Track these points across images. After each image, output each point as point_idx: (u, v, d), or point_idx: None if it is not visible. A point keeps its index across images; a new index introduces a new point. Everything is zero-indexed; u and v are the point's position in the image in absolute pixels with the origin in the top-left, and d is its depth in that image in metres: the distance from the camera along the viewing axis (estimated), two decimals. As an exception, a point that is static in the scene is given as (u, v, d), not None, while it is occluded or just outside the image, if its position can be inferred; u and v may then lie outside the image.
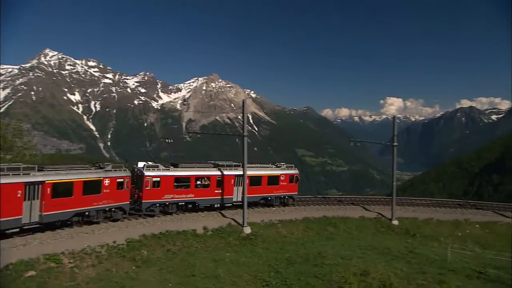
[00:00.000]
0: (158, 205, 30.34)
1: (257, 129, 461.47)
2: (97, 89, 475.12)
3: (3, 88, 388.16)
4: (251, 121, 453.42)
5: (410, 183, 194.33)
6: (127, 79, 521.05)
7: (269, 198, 37.29)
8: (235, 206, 34.47)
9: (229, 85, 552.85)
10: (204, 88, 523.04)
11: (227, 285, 20.46)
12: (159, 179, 29.93)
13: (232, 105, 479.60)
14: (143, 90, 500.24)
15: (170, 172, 30.94)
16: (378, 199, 47.25)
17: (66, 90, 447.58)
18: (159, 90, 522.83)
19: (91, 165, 27.88)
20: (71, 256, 21.34)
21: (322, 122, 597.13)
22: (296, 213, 35.90)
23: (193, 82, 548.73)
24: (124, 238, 24.72)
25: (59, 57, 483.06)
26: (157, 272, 21.87)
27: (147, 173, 29.47)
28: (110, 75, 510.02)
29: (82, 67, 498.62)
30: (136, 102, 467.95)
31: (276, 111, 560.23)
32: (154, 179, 29.68)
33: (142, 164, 30.16)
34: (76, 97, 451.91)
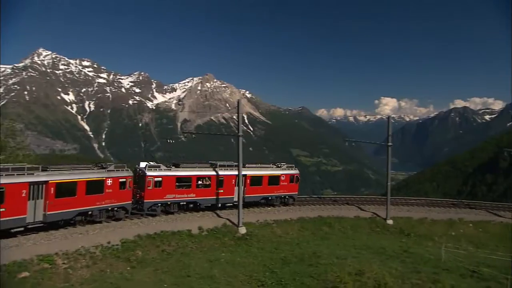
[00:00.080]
0: (160, 204, 30.64)
1: (252, 129, 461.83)
2: (91, 89, 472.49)
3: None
4: (246, 121, 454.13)
5: (405, 182, 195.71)
6: (121, 79, 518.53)
7: (270, 198, 37.56)
8: (231, 207, 34.48)
9: (224, 85, 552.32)
10: (199, 88, 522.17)
11: (222, 285, 20.45)
12: (161, 179, 30.25)
13: (227, 105, 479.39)
14: (137, 90, 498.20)
15: (171, 172, 31.22)
16: (373, 199, 47.35)
17: (60, 90, 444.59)
18: (154, 90, 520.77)
19: (93, 165, 28.19)
20: (65, 257, 21.21)
21: (317, 122, 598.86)
22: (291, 213, 35.94)
23: (188, 82, 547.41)
24: (118, 238, 24.62)
25: (53, 56, 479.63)
26: (152, 272, 21.81)
27: (149, 173, 29.78)
28: (104, 75, 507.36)
29: (76, 66, 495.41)
30: (130, 102, 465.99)
31: (271, 111, 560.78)
32: (156, 179, 30.03)
33: (144, 164, 30.45)
34: (70, 97, 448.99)
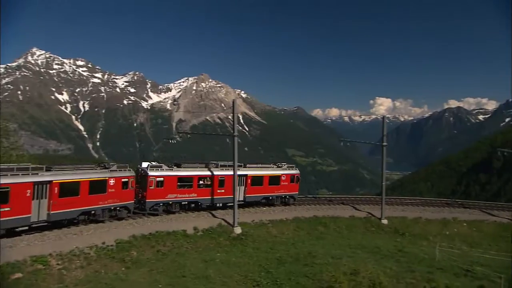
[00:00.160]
0: (161, 204, 30.98)
1: (247, 129, 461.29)
2: (86, 88, 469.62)
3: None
4: (241, 121, 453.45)
5: (400, 182, 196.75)
6: (116, 78, 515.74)
7: (271, 198, 37.84)
8: (226, 207, 34.38)
9: (219, 85, 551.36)
10: (194, 88, 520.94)
11: (217, 285, 20.42)
12: (162, 179, 30.57)
13: (222, 105, 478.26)
14: (132, 90, 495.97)
15: (173, 172, 31.54)
16: (368, 198, 47.56)
17: (53, 89, 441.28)
18: (149, 90, 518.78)
19: (96, 165, 28.57)
20: (59, 258, 21.07)
21: (312, 122, 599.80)
22: (287, 213, 35.98)
23: (183, 82, 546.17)
24: (113, 239, 24.51)
25: (47, 56, 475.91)
26: (147, 273, 21.73)
27: (151, 173, 30.07)
28: (99, 75, 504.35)
29: (70, 66, 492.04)
30: (125, 102, 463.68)
31: (267, 111, 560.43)
32: (158, 179, 30.36)
33: (146, 164, 30.77)
34: (64, 96, 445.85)
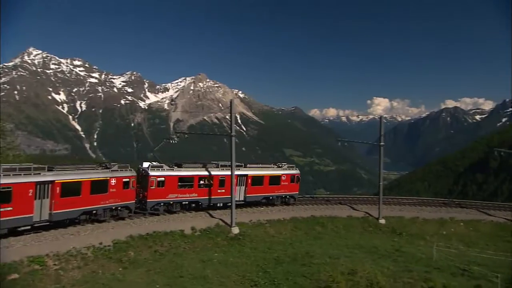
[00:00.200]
0: (162, 204, 31.04)
1: (245, 129, 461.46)
2: (83, 88, 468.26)
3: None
4: (239, 121, 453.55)
5: (397, 182, 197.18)
6: (113, 78, 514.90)
7: (271, 198, 37.95)
8: (225, 207, 34.33)
9: (217, 85, 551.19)
10: (192, 88, 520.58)
11: (215, 285, 20.40)
12: (163, 179, 30.66)
13: (220, 105, 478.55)
14: (130, 90, 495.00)
15: (174, 172, 31.60)
16: (365, 198, 47.62)
17: (50, 89, 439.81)
18: (146, 90, 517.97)
19: (98, 165, 28.72)
20: (56, 258, 20.98)
21: (310, 122, 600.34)
22: (284, 213, 35.97)
23: (180, 82, 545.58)
24: (110, 239, 24.44)
25: (43, 56, 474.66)
26: (145, 273, 21.68)
27: (152, 173, 30.15)
28: (96, 75, 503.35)
29: (67, 66, 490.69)
30: (122, 102, 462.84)
31: (264, 111, 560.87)
32: (159, 179, 30.45)
33: (147, 164, 30.78)
34: (61, 96, 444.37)
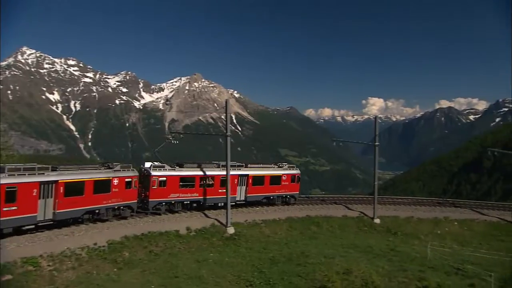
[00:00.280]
0: (164, 203, 31.34)
1: (240, 129, 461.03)
2: (77, 88, 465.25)
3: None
4: (234, 121, 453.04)
5: (392, 182, 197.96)
6: (108, 78, 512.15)
7: (272, 198, 38.19)
8: (219, 207, 34.31)
9: (212, 85, 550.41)
10: (187, 88, 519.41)
11: (210, 285, 20.39)
12: (165, 178, 31.03)
13: (215, 105, 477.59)
14: (124, 90, 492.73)
15: (175, 172, 31.93)
16: (360, 198, 47.74)
17: (44, 89, 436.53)
18: (141, 90, 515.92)
19: (100, 165, 29.10)
20: (50, 259, 20.85)
21: (305, 122, 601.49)
22: (280, 213, 36.02)
23: (175, 82, 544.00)
24: (105, 239, 24.34)
25: (37, 55, 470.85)
26: (140, 273, 21.62)
27: (154, 173, 30.47)
28: (90, 74, 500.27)
29: (61, 66, 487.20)
30: (117, 102, 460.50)
31: (260, 111, 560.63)
32: (161, 179, 30.80)
33: (149, 164, 31.03)
34: (55, 96, 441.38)
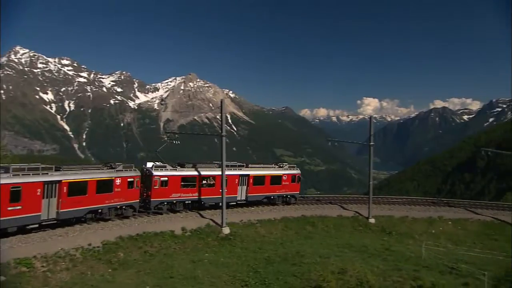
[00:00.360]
0: (165, 203, 31.62)
1: (235, 129, 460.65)
2: (71, 88, 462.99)
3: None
4: (229, 121, 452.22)
5: (387, 181, 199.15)
6: (102, 78, 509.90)
7: (272, 197, 38.36)
8: (214, 207, 34.26)
9: (207, 85, 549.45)
10: (182, 88, 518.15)
11: (205, 286, 20.36)
12: (166, 178, 31.27)
13: (210, 105, 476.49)
14: (119, 90, 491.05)
15: (177, 172, 32.23)
16: (355, 198, 47.89)
17: (38, 89, 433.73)
18: (136, 90, 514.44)
19: (103, 165, 29.42)
20: (44, 260, 20.68)
21: (300, 122, 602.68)
22: (275, 213, 36.03)
23: (171, 82, 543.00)
24: (99, 240, 24.21)
25: (31, 55, 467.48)
26: (134, 274, 21.53)
27: (155, 173, 30.73)
28: (84, 74, 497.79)
29: (55, 65, 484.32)
30: (112, 102, 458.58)
31: (255, 111, 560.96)
32: (162, 179, 31.03)
33: (151, 164, 31.28)
34: (49, 96, 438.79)
